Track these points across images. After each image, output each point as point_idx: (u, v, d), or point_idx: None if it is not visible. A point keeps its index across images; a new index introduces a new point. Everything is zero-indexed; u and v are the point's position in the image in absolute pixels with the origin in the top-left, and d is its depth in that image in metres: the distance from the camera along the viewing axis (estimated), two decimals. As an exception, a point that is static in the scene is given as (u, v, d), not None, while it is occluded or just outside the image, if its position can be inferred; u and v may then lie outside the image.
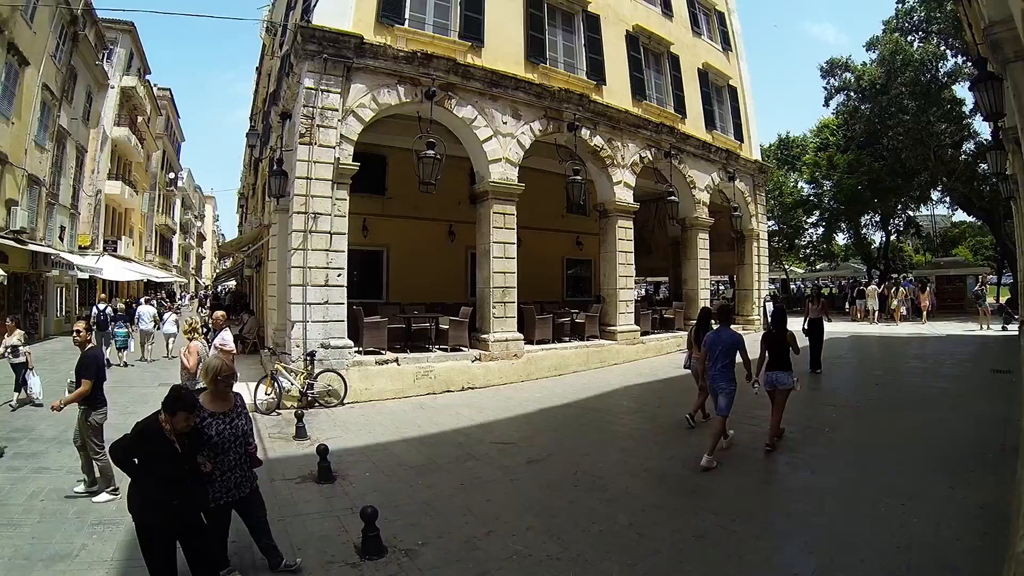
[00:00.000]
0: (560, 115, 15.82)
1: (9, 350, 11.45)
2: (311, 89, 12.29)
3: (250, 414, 10.00)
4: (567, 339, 16.74)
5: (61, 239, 28.68)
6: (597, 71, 17.33)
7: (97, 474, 7.04)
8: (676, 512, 6.29)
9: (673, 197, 19.00)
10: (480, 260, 15.03)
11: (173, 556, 4.29)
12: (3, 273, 18.45)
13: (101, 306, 19.31)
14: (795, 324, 10.79)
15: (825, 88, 37.50)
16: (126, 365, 17.68)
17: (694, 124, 21.13)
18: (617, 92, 17.87)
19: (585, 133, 16.45)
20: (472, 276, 17.00)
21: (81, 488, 7.02)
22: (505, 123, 14.83)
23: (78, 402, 6.96)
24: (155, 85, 46.68)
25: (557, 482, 7.33)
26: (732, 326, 8.58)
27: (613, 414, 11.12)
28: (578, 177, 15.45)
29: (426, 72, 13.42)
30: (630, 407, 11.78)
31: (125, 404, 12.15)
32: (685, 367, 10.60)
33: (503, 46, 15.15)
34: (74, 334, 7.71)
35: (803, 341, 11.38)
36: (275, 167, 14.00)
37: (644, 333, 18.42)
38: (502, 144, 14.73)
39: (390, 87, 13.19)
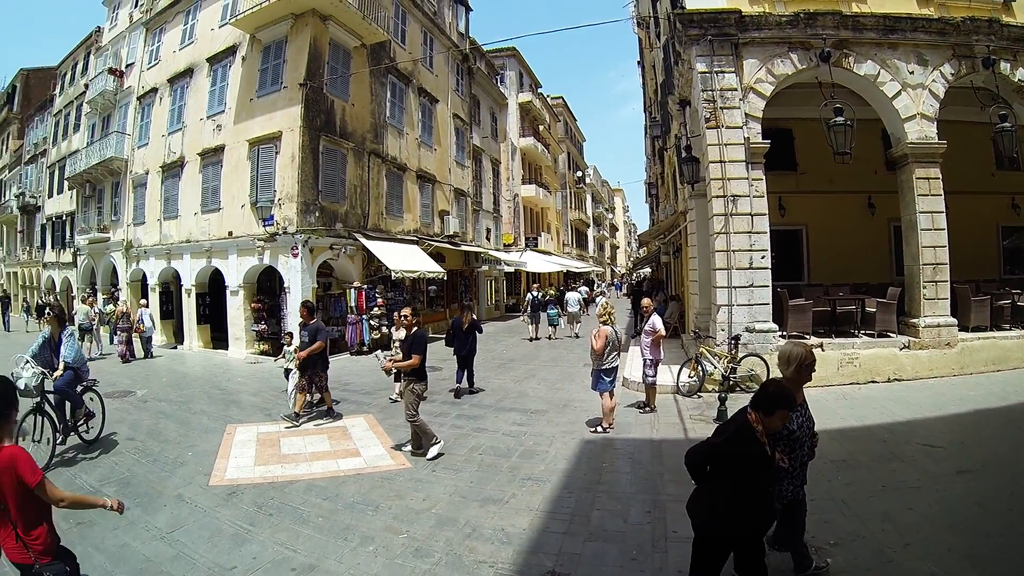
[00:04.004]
0: (970, 50, 12.95)
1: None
2: (705, 73, 12.16)
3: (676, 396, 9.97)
4: (1007, 326, 13.59)
5: (488, 239, 33.83)
6: (1001, -17, 13.74)
7: (412, 436, 8.32)
8: None
9: None
10: (906, 233, 13.13)
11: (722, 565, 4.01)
12: (443, 270, 22.70)
13: (534, 292, 23.62)
14: None
15: None
16: (551, 339, 21.99)
17: None
18: (1029, 4, 13.91)
19: (1004, 67, 13.05)
20: (896, 252, 15.09)
21: (409, 449, 8.35)
22: (911, 73, 12.75)
23: (404, 374, 8.37)
24: (548, 96, 51.00)
25: (988, 500, 6.06)
26: None
27: (1065, 427, 8.91)
28: (1006, 124, 12.41)
29: (814, 33, 12.33)
30: (1087, 421, 9.32)
31: (553, 381, 13.77)
32: None
33: (886, -17, 13.09)
34: (400, 318, 9.26)
35: None
36: (684, 154, 14.12)
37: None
38: (913, 98, 12.71)
39: (782, 56, 12.43)
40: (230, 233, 19.34)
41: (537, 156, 43.03)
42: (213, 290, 21.35)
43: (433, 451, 8.01)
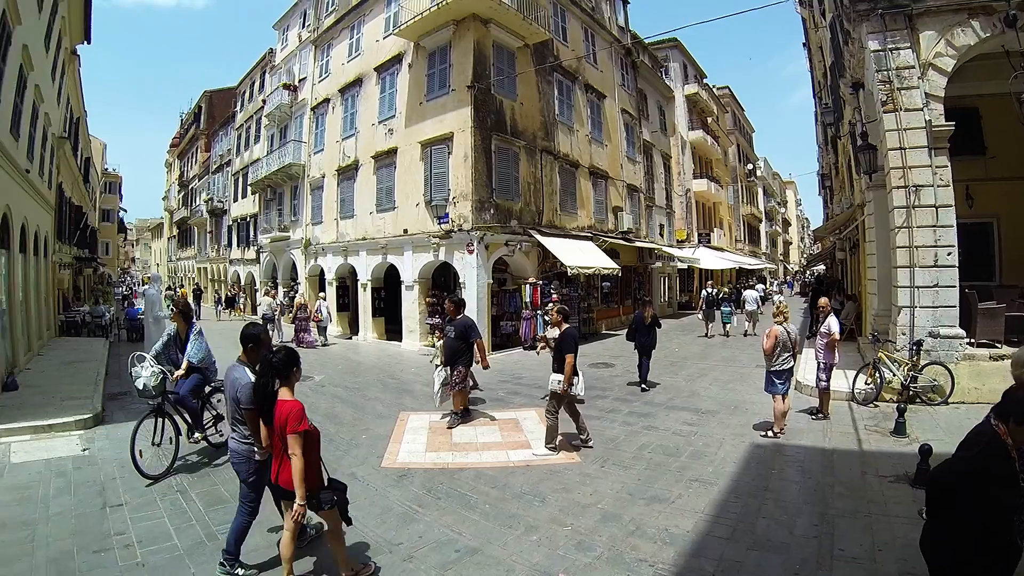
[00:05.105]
0: None
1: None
2: (878, 51, 11.05)
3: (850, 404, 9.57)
4: None
5: (661, 235, 33.49)
6: None
7: (577, 429, 8.39)
8: None
9: None
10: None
11: None
12: (617, 267, 22.94)
13: (708, 289, 23.66)
14: None
15: None
16: (727, 336, 22.17)
17: None
18: None
19: None
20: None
21: (578, 443, 8.39)
22: (1112, 32, 10.91)
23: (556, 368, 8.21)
24: (713, 86, 49.10)
25: None
26: None
27: None
28: None
29: (994, -8, 10.76)
30: None
31: (725, 381, 13.40)
32: None
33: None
34: (552, 315, 9.21)
35: None
36: (860, 142, 13.15)
37: None
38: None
39: (962, 24, 10.90)
40: (405, 231, 20.35)
41: (707, 149, 41.81)
42: (388, 284, 22.62)
43: (541, 450, 8.12)
